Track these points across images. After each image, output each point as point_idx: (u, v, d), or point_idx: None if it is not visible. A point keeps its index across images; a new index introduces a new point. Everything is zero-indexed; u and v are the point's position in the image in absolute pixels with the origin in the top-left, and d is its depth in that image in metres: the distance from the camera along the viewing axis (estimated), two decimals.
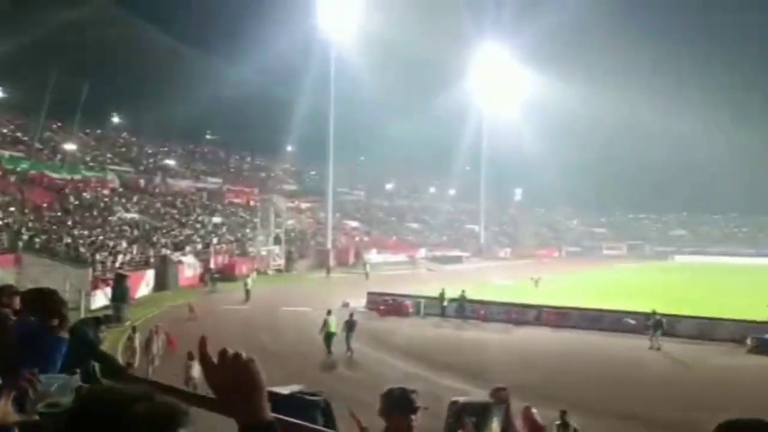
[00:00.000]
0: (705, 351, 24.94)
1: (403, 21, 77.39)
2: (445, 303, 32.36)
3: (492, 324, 30.58)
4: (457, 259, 75.73)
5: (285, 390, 7.96)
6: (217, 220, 60.19)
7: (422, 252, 75.60)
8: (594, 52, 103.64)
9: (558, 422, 10.84)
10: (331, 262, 59.15)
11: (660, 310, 26.99)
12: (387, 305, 33.51)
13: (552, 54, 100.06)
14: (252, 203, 67.94)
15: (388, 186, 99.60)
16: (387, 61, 79.85)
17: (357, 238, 75.10)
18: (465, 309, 32.13)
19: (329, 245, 64.88)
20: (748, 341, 24.88)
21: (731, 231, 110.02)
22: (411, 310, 33.10)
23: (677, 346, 25.51)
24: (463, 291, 33.21)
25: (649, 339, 25.40)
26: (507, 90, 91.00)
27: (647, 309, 27.57)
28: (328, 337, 22.81)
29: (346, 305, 32.68)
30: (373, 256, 65.91)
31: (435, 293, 33.77)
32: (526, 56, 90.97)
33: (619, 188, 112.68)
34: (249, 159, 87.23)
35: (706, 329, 27.37)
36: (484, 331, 29.29)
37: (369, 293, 36.01)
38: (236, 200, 70.08)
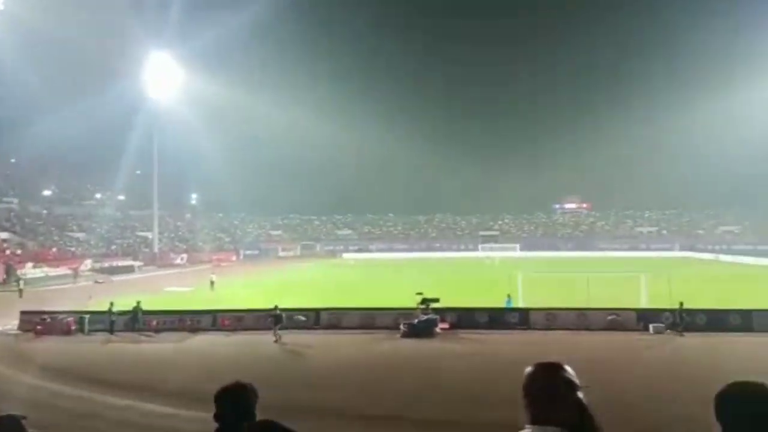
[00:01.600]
0: (368, 339, 27.65)
1: (64, 16, 69.99)
2: (113, 318, 30.23)
3: (167, 334, 29.70)
4: (129, 269, 71.91)
5: None
6: None
7: (88, 263, 69.62)
8: (263, 64, 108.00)
9: None
10: None
11: (282, 305, 28.91)
12: (44, 324, 30.10)
13: (223, 63, 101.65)
14: None
15: (47, 192, 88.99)
16: (43, 55, 71.52)
17: (8, 251, 65.85)
18: (137, 321, 30.55)
19: None
20: (402, 327, 28.26)
21: (388, 230, 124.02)
22: (74, 327, 30.29)
23: (345, 338, 27.88)
24: (138, 302, 31.63)
25: (273, 333, 27.18)
26: (179, 96, 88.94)
27: (308, 305, 29.35)
28: None
29: None
30: (28, 270, 58.73)
31: (103, 307, 31.41)
32: (197, 64, 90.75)
33: (292, 192, 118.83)
34: None
35: (368, 319, 30.44)
36: (158, 342, 28.23)
37: (22, 312, 32.19)
38: None
